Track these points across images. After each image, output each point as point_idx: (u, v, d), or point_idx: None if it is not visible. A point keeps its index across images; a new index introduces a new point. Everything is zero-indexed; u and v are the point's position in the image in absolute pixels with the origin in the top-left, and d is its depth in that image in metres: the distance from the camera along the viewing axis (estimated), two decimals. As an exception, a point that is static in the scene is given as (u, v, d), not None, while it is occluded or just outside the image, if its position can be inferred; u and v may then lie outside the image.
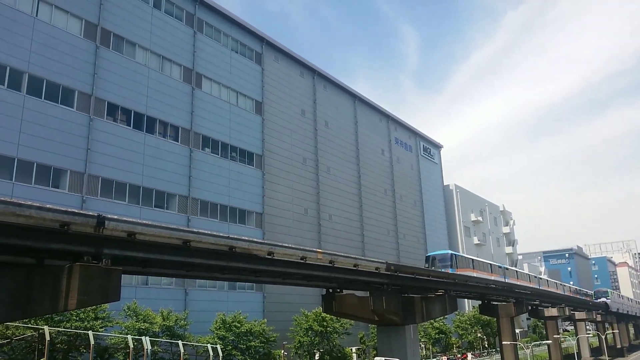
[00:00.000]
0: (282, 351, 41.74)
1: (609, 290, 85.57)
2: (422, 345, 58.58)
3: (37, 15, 35.36)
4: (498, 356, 59.02)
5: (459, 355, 64.13)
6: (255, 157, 51.16)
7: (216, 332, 37.32)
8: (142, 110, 41.05)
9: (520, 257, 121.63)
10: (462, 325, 70.47)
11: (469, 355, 62.72)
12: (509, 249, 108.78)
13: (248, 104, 52.07)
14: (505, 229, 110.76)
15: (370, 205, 68.32)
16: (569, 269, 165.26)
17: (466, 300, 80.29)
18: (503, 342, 48.99)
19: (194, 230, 18.54)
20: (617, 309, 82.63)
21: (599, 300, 77.84)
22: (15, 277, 13.54)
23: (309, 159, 58.75)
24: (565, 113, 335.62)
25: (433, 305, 32.67)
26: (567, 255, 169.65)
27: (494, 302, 50.28)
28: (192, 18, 47.69)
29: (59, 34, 36.42)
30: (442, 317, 53.58)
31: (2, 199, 12.84)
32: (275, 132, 54.48)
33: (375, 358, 28.55)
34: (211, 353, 30.92)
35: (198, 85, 46.71)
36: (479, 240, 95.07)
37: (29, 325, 25.60)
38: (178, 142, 43.63)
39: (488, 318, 67.44)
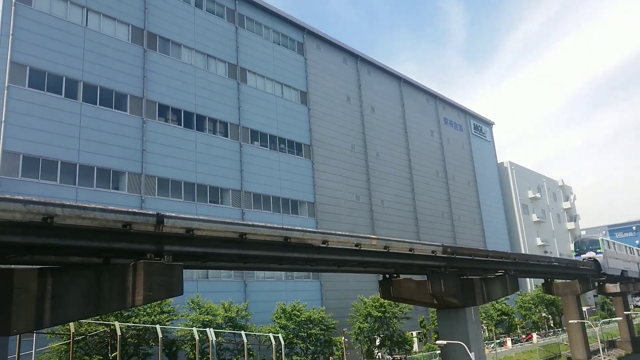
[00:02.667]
0: (343, 338, 42.09)
1: (600, 239, 56.71)
2: (485, 327, 57.61)
3: (87, 25, 36.74)
4: (565, 335, 57.26)
5: (524, 336, 62.66)
6: (304, 147, 51.45)
7: (277, 321, 38.03)
8: (191, 109, 42.04)
9: (583, 232, 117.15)
10: (525, 305, 68.70)
11: (534, 335, 61.18)
12: (570, 225, 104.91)
13: (293, 95, 52.33)
14: (566, 204, 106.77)
15: (423, 188, 67.43)
16: (637, 242, 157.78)
17: (528, 279, 78.19)
18: (569, 321, 47.48)
19: (249, 223, 18.89)
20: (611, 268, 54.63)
21: (583, 256, 54.05)
22: (86, 277, 14.26)
23: (357, 145, 58.52)
24: (625, 81, 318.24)
25: (493, 286, 32.03)
26: (634, 228, 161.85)
27: (558, 280, 48.77)
28: (233, 14, 48.24)
29: (109, 41, 37.72)
30: (503, 298, 52.47)
31: (68, 202, 13.52)
32: (322, 121, 54.54)
33: (437, 341, 28.31)
34: (273, 342, 31.57)
35: (243, 80, 47.33)
36: (538, 218, 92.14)
37: (101, 322, 26.91)
38: (228, 137, 44.45)
39: (552, 297, 65.49)
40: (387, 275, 27.81)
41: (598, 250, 53.99)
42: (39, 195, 24.91)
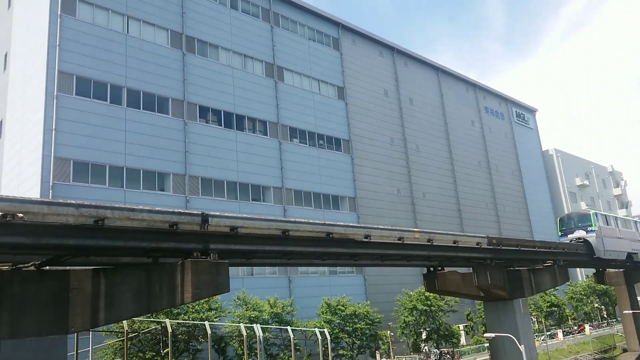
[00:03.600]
0: (388, 332, 42.00)
1: (593, 213, 40.90)
2: (534, 319, 56.26)
3: (128, 32, 37.84)
4: (620, 326, 55.27)
5: (575, 328, 60.87)
6: (343, 143, 51.45)
7: (322, 316, 38.28)
8: (230, 109, 42.71)
9: (636, 219, 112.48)
10: (576, 296, 66.65)
11: (587, 327, 59.34)
12: (622, 212, 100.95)
13: (330, 91, 52.37)
14: (616, 191, 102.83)
15: (465, 179, 66.30)
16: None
17: (578, 269, 75.80)
18: (623, 312, 45.82)
19: (291, 219, 19.10)
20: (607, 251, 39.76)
21: (571, 237, 40.03)
22: (137, 277, 14.77)
23: (396, 138, 58.07)
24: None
25: (542, 277, 31.28)
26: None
27: (610, 270, 47.12)
28: (268, 13, 48.65)
29: (149, 47, 38.75)
30: (552, 289, 51.08)
31: (117, 205, 14.03)
32: (360, 115, 54.37)
33: (485, 334, 27.87)
34: (319, 337, 31.81)
35: (280, 78, 47.70)
36: (587, 206, 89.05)
37: (152, 319, 27.78)
38: (267, 135, 44.93)
39: (605, 287, 63.29)
40: (432, 268, 27.55)
41: (589, 228, 38.76)
42: (89, 198, 25.91)
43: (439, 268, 27.46)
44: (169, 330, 25.77)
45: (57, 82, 33.33)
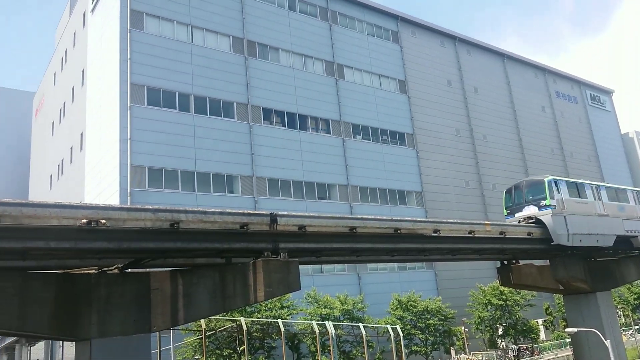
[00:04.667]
0: (463, 327, 41.05)
1: (548, 181, 26.00)
2: (620, 313, 53.09)
3: (192, 41, 39.21)
4: None
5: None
6: (407, 137, 50.78)
7: (393, 312, 38.01)
8: (293, 109, 43.26)
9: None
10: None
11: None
12: None
13: (392, 85, 51.84)
14: None
15: (537, 168, 63.52)
16: None
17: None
18: None
19: (358, 216, 19.08)
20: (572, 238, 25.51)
21: (519, 216, 26.48)
22: (211, 277, 15.30)
23: (462, 129, 56.60)
24: None
25: (627, 267, 29.49)
26: None
27: None
28: (326, 12, 48.84)
29: (213, 54, 39.97)
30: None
31: (190, 208, 14.59)
32: (423, 108, 53.44)
33: (567, 329, 26.61)
34: (391, 333, 31.61)
35: (341, 76, 47.76)
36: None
37: (228, 318, 28.66)
38: (330, 134, 45.14)
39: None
40: (505, 262, 26.65)
41: (542, 203, 25.59)
42: (164, 203, 27.08)
43: (514, 261, 26.52)
44: (244, 328, 26.48)
45: (130, 93, 35.08)
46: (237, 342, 29.80)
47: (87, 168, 40.32)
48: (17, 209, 11.50)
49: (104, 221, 12.45)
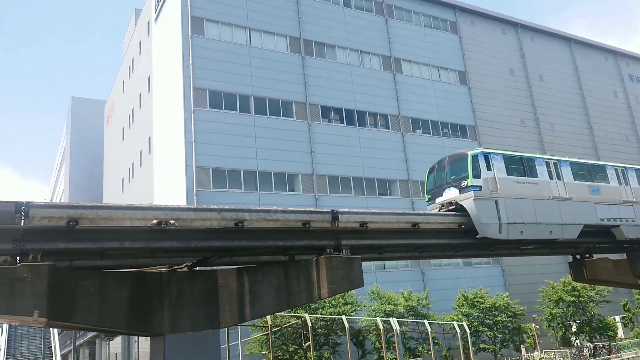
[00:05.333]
0: (533, 324, 39.61)
1: (470, 153, 19.52)
2: None
3: (250, 44, 40.00)
4: None
5: None
6: (469, 129, 49.51)
7: (459, 309, 37.25)
8: (351, 106, 43.23)
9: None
10: None
11: None
12: None
13: (451, 77, 50.69)
14: None
15: (610, 157, 60.05)
16: None
17: None
18: None
19: (420, 212, 18.86)
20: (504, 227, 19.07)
21: (440, 201, 20.21)
22: (275, 274, 15.58)
23: (527, 119, 54.50)
24: None
25: None
26: None
27: None
28: (382, 6, 48.41)
29: (270, 55, 40.61)
30: None
31: (254, 207, 14.92)
32: (485, 98, 51.88)
33: (647, 327, 25.06)
34: (458, 330, 30.99)
35: (398, 70, 47.22)
36: None
37: (292, 314, 29.10)
38: (389, 129, 44.75)
39: None
40: (578, 256, 25.46)
41: (464, 183, 19.21)
42: (228, 203, 27.83)
43: (587, 255, 25.29)
44: (309, 324, 26.80)
45: (192, 97, 36.28)
46: (302, 338, 30.20)
47: (155, 170, 42.08)
48: (94, 212, 12.20)
49: (172, 221, 12.97)
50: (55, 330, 43.06)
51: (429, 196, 21.19)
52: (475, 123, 49.91)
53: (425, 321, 31.46)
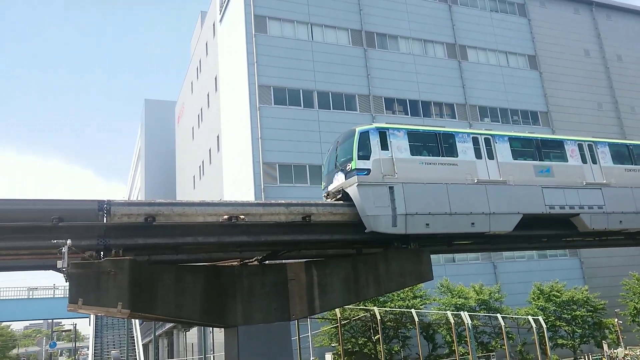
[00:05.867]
0: (616, 320, 37.49)
1: (358, 130, 15.86)
2: None
3: (312, 39, 40.24)
4: None
5: None
6: (540, 115, 47.38)
7: (534, 302, 35.89)
8: (415, 97, 42.53)
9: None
10: None
11: None
12: None
13: (520, 62, 48.65)
14: None
15: (701, 140, 55.69)
16: None
17: None
18: None
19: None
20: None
21: (333, 188, 16.49)
22: (343, 267, 15.66)
23: (604, 102, 51.42)
24: None
25: None
26: None
27: None
28: (444, -7, 47.20)
29: (332, 49, 40.66)
30: None
31: (319, 202, 15.07)
32: (558, 83, 49.41)
33: None
34: (533, 325, 29.89)
35: (464, 57, 45.90)
36: None
37: (361, 307, 29.16)
38: (456, 118, 43.64)
39: None
40: (665, 247, 23.77)
41: (349, 166, 15.41)
42: (295, 197, 28.23)
43: (676, 246, 23.57)
44: (378, 317, 26.76)
45: (257, 95, 37.01)
46: (371, 331, 30.21)
47: (224, 167, 43.36)
48: (169, 209, 12.78)
49: (242, 217, 13.35)
50: (137, 321, 45.52)
51: (324, 183, 17.85)
52: (548, 109, 47.69)
53: (498, 315, 30.56)
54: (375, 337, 29.31)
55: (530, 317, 30.83)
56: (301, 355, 26.45)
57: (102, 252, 12.41)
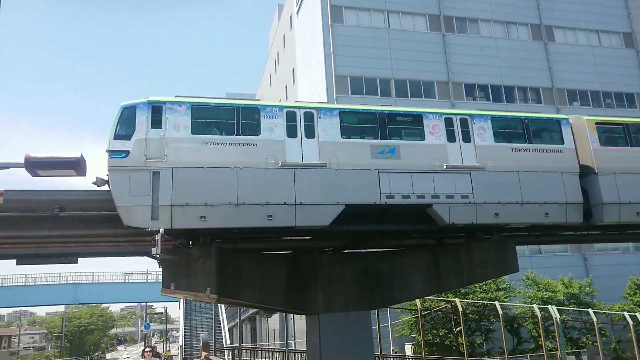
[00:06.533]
0: None
1: (121, 109, 12.77)
2: None
3: (389, 26, 39.73)
4: None
5: None
6: (638, 98, 43.91)
7: (630, 298, 33.63)
8: (497, 81, 40.88)
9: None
10: None
11: None
12: None
13: (614, 40, 45.29)
14: None
15: None
16: None
17: None
18: None
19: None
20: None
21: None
22: (424, 258, 15.51)
23: None
24: None
25: None
26: None
27: None
28: (529, -29, 44.82)
29: (410, 36, 39.94)
30: None
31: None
32: (658, 61, 45.53)
33: None
34: (630, 321, 28.00)
35: (550, 38, 43.44)
36: None
37: (441, 298, 28.69)
38: (542, 103, 41.52)
39: None
40: None
41: (115, 152, 12.30)
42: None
43: None
44: (460, 309, 26.22)
45: (335, 85, 37.17)
46: (452, 322, 29.67)
47: (302, 158, 44.00)
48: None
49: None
50: (223, 306, 47.60)
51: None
52: (646, 90, 44.13)
53: (590, 310, 28.88)
54: (457, 329, 28.75)
55: (626, 313, 28.88)
56: (381, 344, 26.50)
57: (191, 241, 13.10)
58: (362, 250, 16.60)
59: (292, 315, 32.41)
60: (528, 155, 14.60)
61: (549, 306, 28.09)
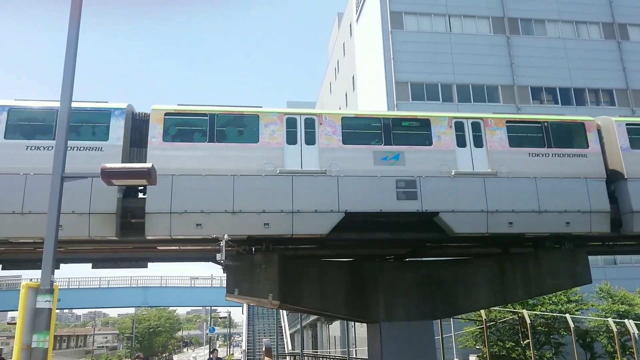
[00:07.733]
0: None
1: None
2: None
3: (450, 31, 39.05)
4: None
5: None
6: None
7: None
8: (566, 84, 39.17)
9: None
10: None
11: None
12: None
13: (697, 36, 42.34)
14: None
15: None
16: None
17: None
18: None
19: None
20: None
21: None
22: (489, 267, 15.07)
23: None
24: None
25: None
26: None
27: None
28: (600, -33, 42.77)
29: (472, 39, 39.06)
30: None
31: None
32: None
33: None
34: None
35: (624, 37, 41.18)
36: None
37: (508, 309, 27.68)
38: (615, 105, 39.37)
39: None
40: None
41: None
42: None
43: None
44: (527, 321, 25.21)
45: (395, 92, 36.91)
46: (519, 334, 28.54)
47: (362, 165, 43.93)
48: (313, 206, 13.29)
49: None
50: (284, 312, 48.17)
51: None
52: None
53: (673, 326, 26.95)
54: (525, 342, 27.62)
55: None
56: (444, 355, 25.90)
57: (253, 248, 13.38)
58: (423, 259, 16.35)
59: (353, 322, 32.31)
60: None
61: (626, 320, 26.47)
